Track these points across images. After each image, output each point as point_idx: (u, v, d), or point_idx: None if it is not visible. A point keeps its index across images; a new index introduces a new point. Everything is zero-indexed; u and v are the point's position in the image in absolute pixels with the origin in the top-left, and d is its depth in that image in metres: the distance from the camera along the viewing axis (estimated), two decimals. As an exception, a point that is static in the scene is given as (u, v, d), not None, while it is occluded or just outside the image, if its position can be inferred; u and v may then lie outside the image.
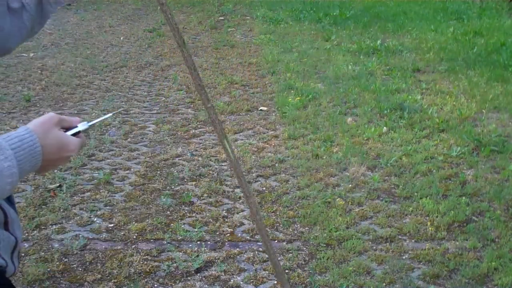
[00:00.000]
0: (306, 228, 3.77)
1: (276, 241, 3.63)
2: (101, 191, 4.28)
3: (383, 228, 3.74)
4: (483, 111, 5.74)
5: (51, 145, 1.14)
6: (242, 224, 3.82)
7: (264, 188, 4.30)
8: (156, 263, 3.40)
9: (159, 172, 4.60)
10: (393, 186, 4.32)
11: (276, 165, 4.69)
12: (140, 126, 5.64)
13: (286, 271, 3.32)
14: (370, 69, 7.34)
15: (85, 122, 1.25)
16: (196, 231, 3.72)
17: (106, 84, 7.05)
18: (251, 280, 3.23)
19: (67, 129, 1.22)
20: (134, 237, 3.67)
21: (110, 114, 1.41)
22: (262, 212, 3.97)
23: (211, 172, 4.58)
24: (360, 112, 5.81)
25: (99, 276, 3.28)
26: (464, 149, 4.87)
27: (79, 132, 1.23)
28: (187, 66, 1.42)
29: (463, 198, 4.09)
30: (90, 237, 3.69)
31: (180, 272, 3.33)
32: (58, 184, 4.36)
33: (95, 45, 9.24)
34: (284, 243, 3.61)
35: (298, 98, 6.20)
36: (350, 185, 4.31)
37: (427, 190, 4.20)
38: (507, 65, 7.22)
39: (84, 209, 4.03)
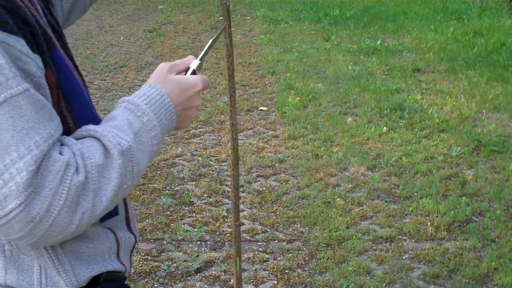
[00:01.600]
0: (306, 228, 3.77)
1: (276, 241, 3.63)
2: (101, 191, 4.28)
3: (383, 228, 3.75)
4: (483, 111, 5.74)
5: (173, 89, 1.11)
6: (242, 224, 3.82)
7: (264, 188, 4.31)
8: (156, 263, 3.40)
9: (159, 172, 4.60)
10: (393, 186, 4.32)
11: (276, 165, 4.69)
12: (140, 126, 5.63)
13: (286, 271, 3.33)
14: (370, 69, 7.34)
15: (195, 60, 1.21)
16: (196, 231, 3.72)
17: (106, 84, 7.05)
18: (251, 280, 3.23)
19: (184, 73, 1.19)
20: (134, 237, 3.67)
21: (211, 40, 1.31)
22: (262, 212, 3.97)
23: (211, 172, 4.59)
24: (360, 112, 5.81)
25: (99, 276, 3.28)
26: (464, 149, 4.87)
27: (195, 71, 1.20)
28: (230, 100, 1.39)
29: (463, 198, 4.09)
30: (90, 237, 3.69)
31: (180, 272, 3.33)
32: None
33: (95, 45, 9.24)
34: (284, 243, 3.61)
35: (298, 98, 6.20)
36: (350, 185, 4.31)
37: (427, 190, 4.20)
38: (507, 65, 7.22)
39: (84, 209, 4.03)
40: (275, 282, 3.23)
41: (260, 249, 3.54)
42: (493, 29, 9.35)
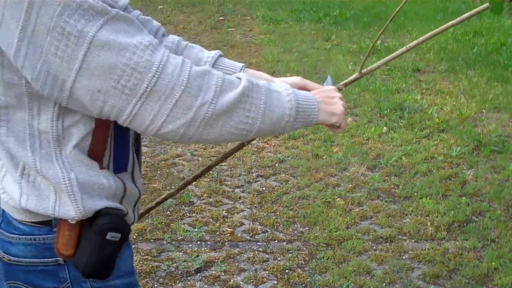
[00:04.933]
0: (306, 228, 3.77)
1: (276, 241, 3.63)
2: (101, 191, 4.27)
3: (383, 228, 3.75)
4: (483, 111, 5.74)
5: (316, 93, 1.37)
6: (242, 224, 3.82)
7: (264, 188, 4.30)
8: (156, 263, 3.40)
9: (159, 172, 4.60)
10: (393, 186, 4.32)
11: (276, 165, 4.69)
12: (140, 126, 5.63)
13: (286, 271, 3.33)
14: (370, 69, 7.33)
15: (327, 78, 1.39)
16: (196, 231, 3.72)
17: (106, 84, 7.04)
18: (251, 280, 3.23)
19: None
20: (134, 237, 3.67)
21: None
22: (262, 212, 3.97)
23: (211, 172, 4.58)
24: (360, 112, 5.81)
25: (99, 276, 3.28)
26: (464, 149, 4.87)
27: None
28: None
29: (463, 198, 4.09)
30: (90, 237, 3.68)
31: (180, 272, 3.33)
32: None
33: (95, 45, 9.23)
34: (284, 243, 3.61)
35: (298, 98, 6.19)
36: (350, 185, 4.31)
37: (427, 190, 4.20)
38: (507, 65, 7.22)
39: (84, 209, 4.03)
40: (275, 282, 3.23)
41: (260, 249, 3.54)
42: (493, 29, 9.35)
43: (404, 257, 3.45)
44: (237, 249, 3.53)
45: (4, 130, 1.20)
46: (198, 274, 3.30)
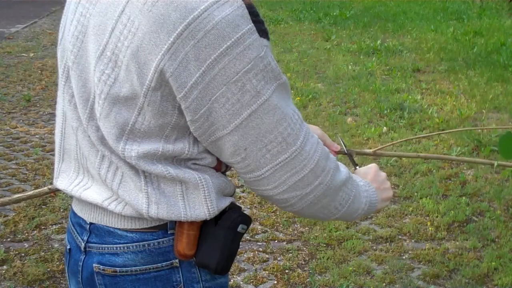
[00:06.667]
0: (306, 228, 3.77)
1: (276, 241, 3.63)
2: (101, 191, 4.27)
3: (383, 228, 3.75)
4: (483, 111, 5.74)
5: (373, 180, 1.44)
6: (242, 224, 3.82)
7: (264, 188, 4.30)
8: (156, 263, 3.40)
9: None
10: (393, 186, 4.32)
11: (276, 165, 4.68)
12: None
13: (286, 271, 3.33)
14: (370, 69, 7.34)
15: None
16: (196, 231, 3.72)
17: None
18: (251, 280, 3.23)
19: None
20: (134, 237, 3.67)
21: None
22: (262, 212, 3.97)
23: (211, 172, 4.58)
24: (360, 112, 5.81)
25: (99, 276, 3.27)
26: (464, 149, 4.87)
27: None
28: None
29: (463, 198, 4.09)
30: (90, 237, 3.68)
31: (180, 272, 3.32)
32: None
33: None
34: (284, 243, 3.61)
35: (298, 98, 6.20)
36: (350, 185, 4.31)
37: (427, 190, 4.20)
38: (507, 65, 7.23)
39: (84, 209, 4.02)
40: (275, 282, 3.23)
41: (260, 249, 3.54)
42: (493, 29, 9.35)
43: (404, 257, 3.45)
44: (237, 249, 3.53)
45: (135, 146, 1.17)
46: (198, 274, 3.30)
